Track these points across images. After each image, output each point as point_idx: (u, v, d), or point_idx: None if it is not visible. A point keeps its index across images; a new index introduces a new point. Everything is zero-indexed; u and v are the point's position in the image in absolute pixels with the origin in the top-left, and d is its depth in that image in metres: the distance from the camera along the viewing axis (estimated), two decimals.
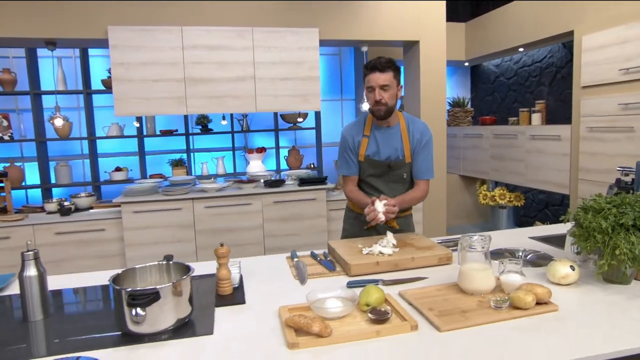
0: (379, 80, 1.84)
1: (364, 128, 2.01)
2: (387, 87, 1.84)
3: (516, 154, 4.20)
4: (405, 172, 2.02)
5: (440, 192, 4.13)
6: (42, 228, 3.33)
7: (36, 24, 3.20)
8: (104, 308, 1.43)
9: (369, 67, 1.87)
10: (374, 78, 1.85)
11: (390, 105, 1.89)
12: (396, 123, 2.00)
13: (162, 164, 4.66)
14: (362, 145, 1.99)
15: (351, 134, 2.02)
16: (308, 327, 1.10)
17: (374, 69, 1.84)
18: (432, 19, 3.87)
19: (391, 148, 1.98)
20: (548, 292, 1.25)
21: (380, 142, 1.98)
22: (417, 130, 1.99)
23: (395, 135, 1.98)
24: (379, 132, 1.99)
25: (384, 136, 1.98)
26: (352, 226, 2.15)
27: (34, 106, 4.08)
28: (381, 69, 1.83)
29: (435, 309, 1.25)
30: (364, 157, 1.99)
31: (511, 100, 5.00)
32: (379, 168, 2.00)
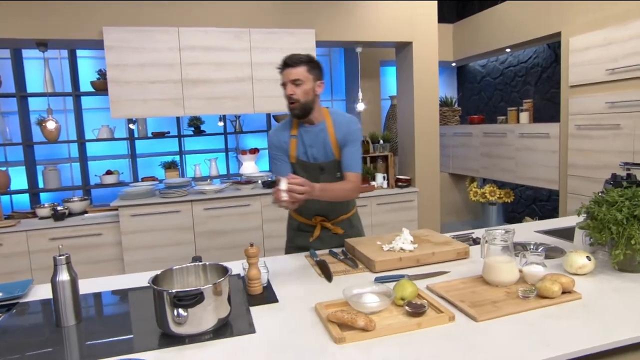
0: (290, 75, 1.75)
1: (290, 128, 1.91)
2: (298, 81, 1.74)
3: (506, 152, 4.33)
4: (339, 171, 1.90)
5: (434, 190, 4.22)
6: (36, 234, 3.25)
7: (27, 25, 3.12)
8: (136, 310, 1.42)
9: (281, 63, 1.79)
10: (285, 74, 1.77)
11: (304, 101, 1.77)
12: (321, 121, 1.88)
13: (154, 167, 4.60)
14: (291, 147, 1.89)
15: (276, 134, 1.92)
16: (353, 322, 1.13)
17: (285, 65, 1.77)
18: (424, 20, 3.95)
19: (319, 148, 1.88)
20: (572, 282, 1.32)
21: (307, 143, 1.88)
22: (343, 125, 1.87)
23: (322, 133, 1.87)
24: (305, 131, 1.88)
25: (310, 135, 1.87)
26: (297, 236, 2.05)
27: (21, 109, 3.97)
28: (292, 64, 1.75)
29: (466, 301, 1.30)
30: (295, 158, 1.90)
31: (497, 99, 5.14)
32: (312, 170, 1.88)
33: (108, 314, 1.44)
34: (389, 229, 3.98)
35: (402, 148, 4.36)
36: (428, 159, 4.17)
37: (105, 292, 1.57)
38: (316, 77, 1.80)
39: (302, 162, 1.90)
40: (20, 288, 1.53)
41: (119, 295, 1.55)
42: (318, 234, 1.99)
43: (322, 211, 1.98)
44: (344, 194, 1.84)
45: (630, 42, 3.03)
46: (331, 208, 1.98)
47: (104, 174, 4.25)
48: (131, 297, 1.52)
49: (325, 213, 1.99)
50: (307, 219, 2.01)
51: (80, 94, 4.14)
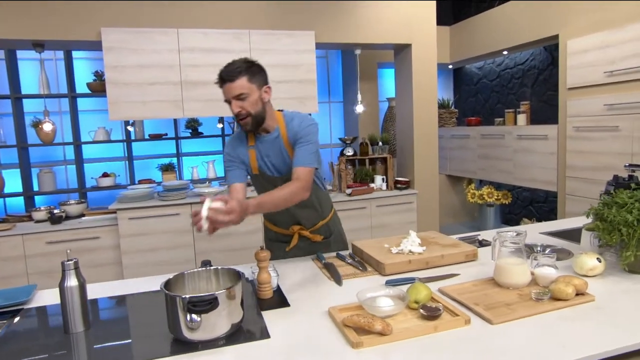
0: (231, 91, 1.58)
1: (247, 138, 1.76)
2: (243, 95, 1.58)
3: (504, 154, 4.35)
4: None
5: (433, 191, 4.23)
6: (32, 237, 3.20)
7: (23, 25, 3.07)
8: (145, 316, 1.39)
9: (218, 79, 1.61)
10: (226, 90, 1.60)
11: (256, 113, 1.61)
12: (275, 127, 1.73)
13: (150, 169, 4.56)
14: (251, 158, 1.76)
15: (233, 146, 1.77)
16: (370, 326, 1.12)
17: (223, 80, 1.59)
18: (423, 22, 3.96)
19: (277, 157, 1.75)
20: (585, 284, 1.32)
21: (265, 153, 1.75)
22: (294, 126, 1.71)
23: (277, 140, 1.73)
24: (261, 142, 1.74)
25: (266, 145, 1.74)
26: (273, 247, 1.93)
27: (15, 111, 3.91)
28: (230, 78, 1.57)
29: (480, 304, 1.29)
30: (257, 169, 1.77)
31: (494, 101, 5.17)
32: (276, 183, 1.73)
33: (116, 320, 1.41)
34: (389, 231, 3.97)
35: (401, 150, 4.36)
36: (427, 161, 4.18)
37: (111, 297, 1.54)
38: (261, 84, 1.63)
39: (264, 174, 1.78)
40: (25, 293, 1.50)
41: (125, 300, 1.52)
42: (295, 244, 1.89)
43: (297, 219, 1.88)
44: (291, 197, 1.58)
45: (628, 45, 3.06)
46: (306, 215, 1.88)
47: (100, 176, 4.21)
48: (139, 302, 1.49)
49: (300, 221, 1.88)
50: (284, 229, 1.91)
51: (76, 96, 4.09)
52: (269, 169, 1.77)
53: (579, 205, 3.51)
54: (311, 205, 1.87)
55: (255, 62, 1.65)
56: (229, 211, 1.31)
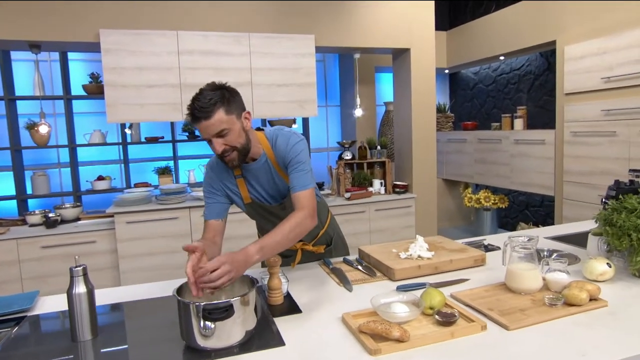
0: (210, 130, 1.36)
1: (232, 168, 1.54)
2: (224, 131, 1.37)
3: (501, 158, 4.38)
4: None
5: (431, 195, 4.24)
6: (26, 242, 3.14)
7: (20, 26, 3.03)
8: (153, 323, 1.36)
9: (191, 115, 1.37)
10: (203, 129, 1.37)
11: (241, 146, 1.43)
12: (261, 153, 1.55)
13: (146, 172, 4.51)
14: (241, 189, 1.60)
15: (215, 175, 1.59)
16: (387, 333, 1.10)
17: (197, 118, 1.35)
18: (422, 27, 3.98)
19: (269, 184, 1.60)
20: (598, 289, 1.32)
21: (255, 182, 1.59)
22: (280, 148, 1.53)
23: (265, 166, 1.56)
24: (247, 170, 1.57)
25: (256, 174, 1.58)
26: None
27: (9, 112, 3.84)
28: (206, 115, 1.34)
29: (494, 309, 1.28)
30: (249, 199, 1.62)
31: (490, 106, 5.21)
32: (274, 211, 1.63)
33: (124, 327, 1.38)
34: (388, 235, 3.97)
35: (399, 154, 4.37)
36: (425, 165, 4.19)
37: (116, 303, 1.51)
38: (239, 112, 1.42)
39: (258, 204, 1.62)
40: (28, 300, 1.46)
41: (131, 306, 1.49)
42: (299, 259, 1.79)
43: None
44: (300, 230, 1.41)
45: (625, 51, 3.11)
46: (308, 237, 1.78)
47: (95, 179, 4.14)
48: (145, 309, 1.46)
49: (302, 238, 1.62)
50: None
51: (71, 98, 4.03)
52: (262, 198, 1.62)
53: (577, 210, 3.54)
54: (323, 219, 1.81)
55: (226, 87, 1.42)
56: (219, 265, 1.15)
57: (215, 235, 1.56)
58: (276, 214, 1.63)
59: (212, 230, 1.56)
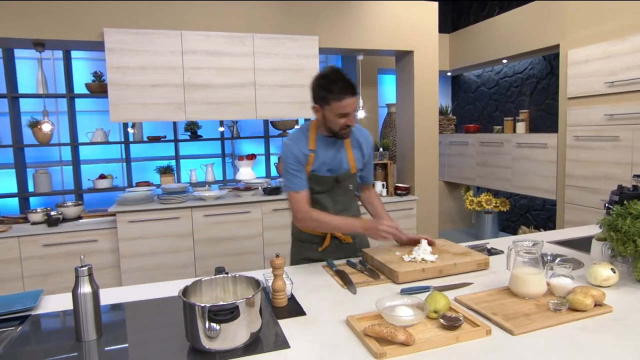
0: (353, 105, 1.70)
1: (308, 141, 1.83)
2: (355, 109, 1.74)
3: (503, 161, 4.38)
4: (351, 183, 1.93)
5: (433, 198, 4.24)
6: (28, 240, 3.14)
7: (24, 24, 3.03)
8: (157, 323, 1.36)
9: (341, 92, 1.65)
10: (349, 103, 1.68)
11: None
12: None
13: (147, 171, 4.51)
14: (309, 161, 1.84)
15: (299, 147, 1.82)
16: (392, 336, 1.10)
17: (347, 92, 1.66)
18: (425, 30, 3.98)
19: (335, 160, 1.86)
20: (602, 294, 1.32)
21: (325, 155, 1.85)
22: (363, 139, 1.91)
23: (340, 145, 1.87)
24: (324, 144, 1.84)
25: (329, 148, 1.85)
26: (305, 248, 1.98)
27: (12, 110, 3.85)
28: (353, 92, 1.67)
29: (499, 314, 1.28)
30: (309, 173, 1.85)
31: (492, 109, 5.21)
32: (326, 184, 1.87)
33: (128, 328, 1.38)
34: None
35: (401, 156, 4.37)
36: (427, 168, 4.19)
37: (119, 303, 1.51)
38: None
39: (316, 176, 1.86)
40: (32, 299, 1.46)
41: (135, 307, 1.48)
42: (327, 245, 1.94)
43: None
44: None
45: (629, 56, 3.11)
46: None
47: (97, 178, 4.15)
48: (149, 309, 1.46)
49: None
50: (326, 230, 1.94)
51: (74, 96, 4.03)
52: (323, 171, 1.87)
53: (578, 214, 3.54)
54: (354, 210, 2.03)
55: None
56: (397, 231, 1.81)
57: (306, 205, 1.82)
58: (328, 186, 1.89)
59: (304, 199, 1.82)
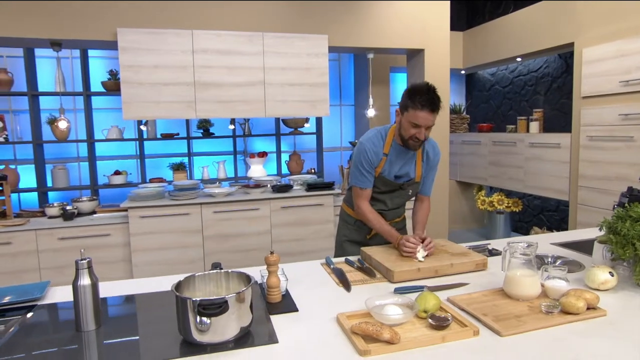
0: (428, 121, 1.78)
1: (384, 145, 1.96)
2: (431, 126, 1.83)
3: (515, 161, 4.31)
4: (412, 189, 2.06)
5: (443, 197, 4.21)
6: (45, 233, 3.25)
7: (42, 24, 3.13)
8: (155, 316, 1.41)
9: (421, 103, 1.74)
10: (424, 117, 1.75)
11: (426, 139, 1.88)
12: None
13: (161, 168, 4.60)
14: (380, 164, 1.97)
15: (373, 149, 1.94)
16: (378, 335, 1.12)
17: (427, 107, 1.74)
18: (436, 28, 3.95)
19: (405, 168, 1.99)
20: (596, 298, 1.30)
21: (396, 162, 1.97)
22: (432, 151, 2.04)
23: (412, 156, 1.99)
24: (397, 152, 1.96)
25: (401, 157, 1.97)
26: (352, 232, 2.15)
27: (32, 107, 3.98)
28: (434, 109, 1.76)
29: (489, 314, 1.28)
30: (378, 174, 1.98)
31: (506, 108, 5.13)
32: (390, 186, 2.00)
33: (126, 319, 1.43)
34: None
35: None
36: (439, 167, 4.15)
37: (122, 296, 1.56)
38: None
39: (384, 178, 1.98)
40: (39, 290, 1.52)
41: (135, 299, 1.54)
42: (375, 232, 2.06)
43: (383, 213, 2.06)
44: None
45: None
46: (390, 215, 2.10)
47: (112, 174, 4.25)
48: (149, 302, 1.51)
49: (385, 215, 2.07)
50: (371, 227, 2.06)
51: (91, 94, 4.14)
52: (390, 176, 1.98)
53: (591, 216, 3.47)
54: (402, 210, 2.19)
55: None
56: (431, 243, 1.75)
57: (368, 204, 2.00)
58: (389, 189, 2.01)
59: (367, 197, 2.00)
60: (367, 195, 2.00)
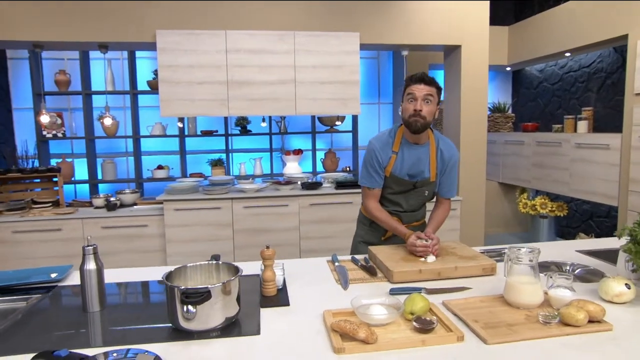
0: (423, 91, 1.80)
1: (392, 143, 1.95)
2: (429, 99, 1.80)
3: (560, 163, 4.05)
4: (428, 190, 2.00)
5: (479, 199, 4.05)
6: (90, 222, 3.50)
7: (90, 29, 3.37)
8: (154, 303, 1.49)
9: (414, 78, 1.82)
10: (418, 88, 1.80)
11: (428, 121, 1.84)
12: (426, 142, 1.95)
13: (202, 164, 4.80)
14: (390, 163, 1.94)
15: (381, 147, 1.95)
16: (354, 333, 1.11)
17: (420, 80, 1.81)
18: (475, 23, 3.80)
19: (417, 167, 1.94)
20: (601, 310, 1.21)
21: (407, 160, 1.93)
22: (446, 150, 1.97)
23: (424, 154, 1.94)
24: (408, 149, 1.93)
25: (412, 154, 1.93)
26: (368, 233, 2.13)
27: (85, 105, 4.30)
28: (427, 82, 1.81)
29: (480, 321, 1.23)
30: (389, 173, 1.95)
31: (555, 106, 4.83)
32: (404, 186, 1.96)
33: (130, 304, 1.53)
34: None
35: None
36: (474, 167, 4.01)
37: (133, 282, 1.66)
38: (439, 101, 1.87)
39: (396, 178, 1.95)
40: (61, 272, 1.66)
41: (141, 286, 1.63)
42: (390, 234, 2.04)
43: (399, 215, 2.03)
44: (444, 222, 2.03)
45: None
46: (407, 217, 2.04)
47: (155, 168, 4.50)
48: (154, 289, 1.60)
49: (401, 217, 2.03)
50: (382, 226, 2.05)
51: (137, 93, 4.41)
52: (403, 174, 1.94)
53: None
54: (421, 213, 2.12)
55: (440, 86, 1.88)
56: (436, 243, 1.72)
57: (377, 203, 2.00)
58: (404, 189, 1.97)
59: (376, 197, 2.00)
60: (376, 195, 1.99)
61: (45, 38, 3.35)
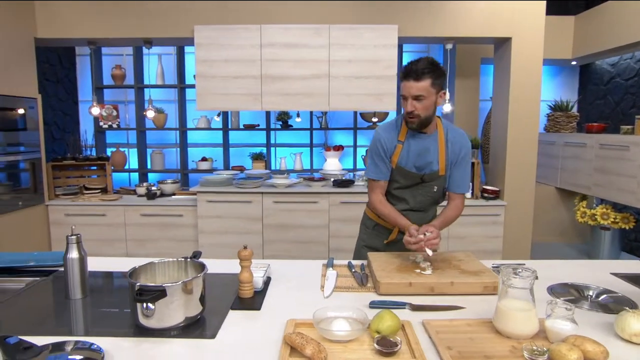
0: (411, 90, 1.66)
1: (398, 132, 1.83)
2: (421, 97, 1.66)
3: (627, 169, 3.58)
4: (437, 185, 1.84)
5: (527, 205, 3.71)
6: (131, 209, 3.70)
7: (135, 25, 3.53)
8: None
9: (404, 72, 1.68)
10: (407, 87, 1.68)
11: (425, 116, 1.70)
12: (434, 131, 1.81)
13: (245, 157, 4.89)
14: (395, 152, 1.82)
15: (387, 136, 1.83)
16: (302, 348, 1.04)
17: (408, 76, 1.66)
18: (528, 14, 3.45)
19: (425, 158, 1.80)
20: (602, 352, 1.02)
21: (413, 151, 1.80)
22: (456, 141, 1.81)
23: (432, 144, 1.80)
24: (414, 139, 1.80)
25: (419, 144, 1.80)
26: (370, 237, 2.01)
27: (137, 98, 4.55)
28: (416, 77, 1.65)
29: (454, 349, 1.09)
30: (396, 164, 1.83)
31: (628, 104, 4.28)
32: (410, 180, 1.83)
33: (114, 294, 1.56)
34: (467, 243, 3.62)
35: (494, 155, 3.91)
36: (522, 170, 3.67)
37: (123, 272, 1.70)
38: (439, 88, 1.70)
39: (403, 170, 1.83)
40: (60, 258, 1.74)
41: None
42: (394, 237, 1.92)
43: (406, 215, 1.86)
44: (452, 221, 1.86)
45: None
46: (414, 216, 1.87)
47: (199, 160, 4.66)
48: None
49: (407, 215, 1.86)
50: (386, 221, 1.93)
51: (184, 87, 4.58)
52: (409, 166, 1.82)
53: None
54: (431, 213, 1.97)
55: (439, 65, 1.69)
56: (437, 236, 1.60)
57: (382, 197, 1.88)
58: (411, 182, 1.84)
59: (382, 189, 1.88)
60: (381, 187, 1.87)
61: (98, 35, 3.56)
